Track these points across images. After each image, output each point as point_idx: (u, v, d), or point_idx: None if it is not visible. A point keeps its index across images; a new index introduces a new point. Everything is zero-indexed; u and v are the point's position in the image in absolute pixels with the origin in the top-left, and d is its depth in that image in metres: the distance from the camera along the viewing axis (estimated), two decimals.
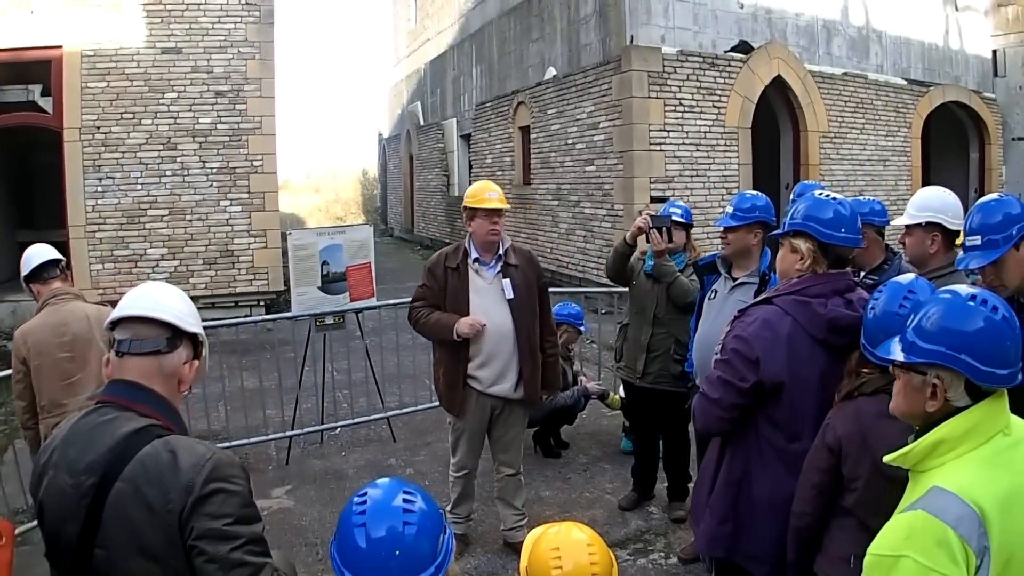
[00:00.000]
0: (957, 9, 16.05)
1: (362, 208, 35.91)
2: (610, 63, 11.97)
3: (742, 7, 12.87)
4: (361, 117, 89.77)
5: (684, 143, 11.77)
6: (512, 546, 4.43)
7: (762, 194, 3.80)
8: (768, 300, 2.60)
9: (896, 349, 1.71)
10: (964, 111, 15.84)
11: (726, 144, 12.18)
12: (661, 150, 11.57)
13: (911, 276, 2.23)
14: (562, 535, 1.86)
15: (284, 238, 8.16)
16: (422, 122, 23.68)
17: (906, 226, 3.26)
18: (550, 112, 14.06)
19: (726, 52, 12.40)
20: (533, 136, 14.84)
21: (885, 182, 14.39)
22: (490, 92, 17.98)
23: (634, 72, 11.30)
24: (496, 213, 4.13)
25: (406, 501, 1.51)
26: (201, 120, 11.39)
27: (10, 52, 10.54)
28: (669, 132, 11.62)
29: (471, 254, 4.20)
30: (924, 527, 1.50)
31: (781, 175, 13.51)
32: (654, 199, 11.20)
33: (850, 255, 2.67)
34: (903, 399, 1.73)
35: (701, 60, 11.90)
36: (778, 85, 12.73)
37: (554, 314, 5.98)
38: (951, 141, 16.40)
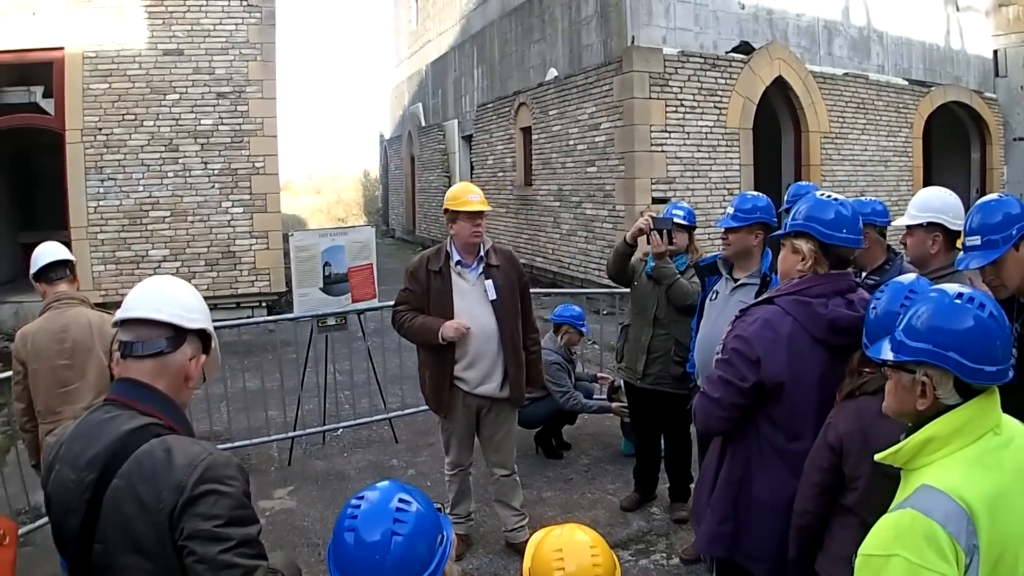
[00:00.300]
0: (958, 9, 16.05)
1: (363, 209, 35.91)
2: (611, 64, 11.98)
3: (743, 8, 12.87)
4: (362, 118, 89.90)
5: (685, 144, 11.78)
6: (515, 547, 4.43)
7: (763, 195, 3.80)
8: (769, 300, 2.61)
9: (886, 348, 1.74)
10: (965, 111, 15.84)
11: (727, 145, 12.18)
12: (662, 151, 11.57)
13: (912, 276, 2.23)
14: (565, 537, 1.86)
15: (286, 239, 8.17)
16: (423, 123, 23.70)
17: (907, 226, 3.26)
18: (551, 113, 14.07)
19: (727, 53, 12.41)
20: (534, 137, 14.85)
21: (886, 182, 14.39)
22: (491, 93, 18.00)
23: (635, 73, 11.31)
24: (479, 215, 4.12)
25: (401, 503, 1.52)
26: (203, 121, 11.41)
27: (12, 53, 10.57)
28: (670, 133, 11.63)
29: (453, 256, 4.20)
30: (913, 525, 1.50)
31: (782, 176, 13.51)
32: (655, 200, 11.21)
33: (851, 256, 2.67)
34: (894, 398, 1.75)
35: (702, 61, 11.91)
36: (779, 86, 12.74)
37: (556, 316, 6.02)
38: (952, 141, 16.40)
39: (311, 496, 5.40)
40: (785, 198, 4.49)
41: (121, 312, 1.79)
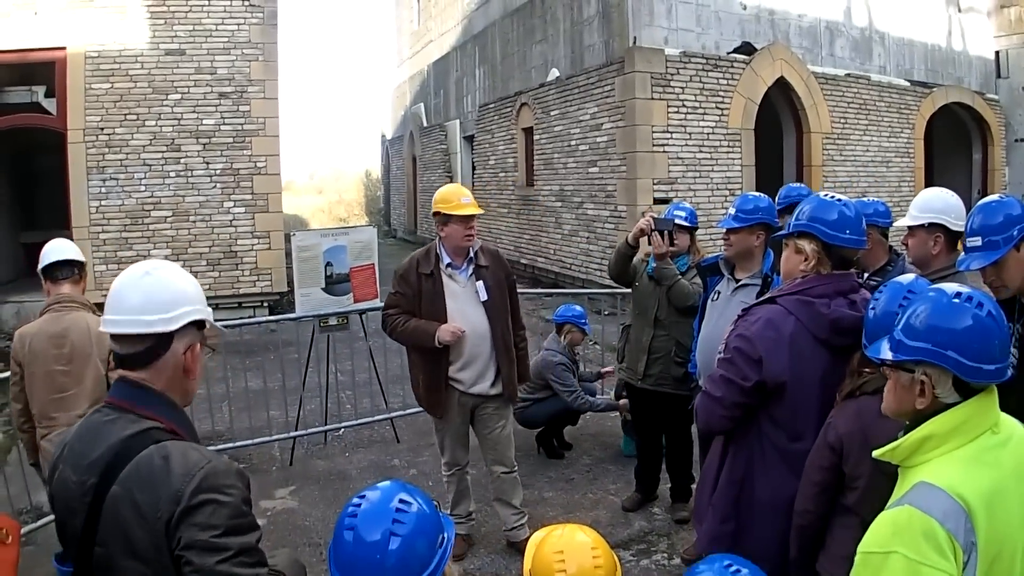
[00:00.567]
0: (960, 10, 16.04)
1: (365, 209, 35.89)
2: (613, 64, 11.98)
3: (745, 8, 12.87)
4: (364, 118, 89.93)
5: (687, 144, 11.77)
6: (515, 546, 4.43)
7: (765, 195, 3.81)
8: (772, 300, 2.61)
9: (884, 348, 1.74)
10: (967, 112, 15.83)
11: (729, 145, 12.18)
12: (664, 151, 11.57)
13: (911, 276, 2.24)
14: (566, 538, 1.85)
15: (287, 239, 8.16)
16: (425, 123, 23.70)
17: (908, 227, 3.26)
18: (553, 113, 14.07)
19: (729, 53, 12.41)
20: (536, 137, 14.86)
21: (888, 183, 14.38)
22: (493, 93, 18.00)
23: (637, 73, 11.31)
24: (471, 218, 4.12)
25: (402, 503, 1.52)
26: (205, 121, 11.42)
27: (14, 53, 10.57)
28: (672, 133, 11.63)
29: (443, 258, 4.19)
30: (911, 522, 1.50)
31: (784, 177, 13.48)
32: (657, 201, 11.21)
33: (854, 256, 2.67)
34: (893, 397, 1.75)
35: (704, 61, 11.91)
36: (781, 86, 12.73)
37: (558, 316, 6.03)
38: (954, 142, 16.39)
39: (313, 496, 5.41)
40: (776, 200, 4.48)
41: (105, 324, 1.75)
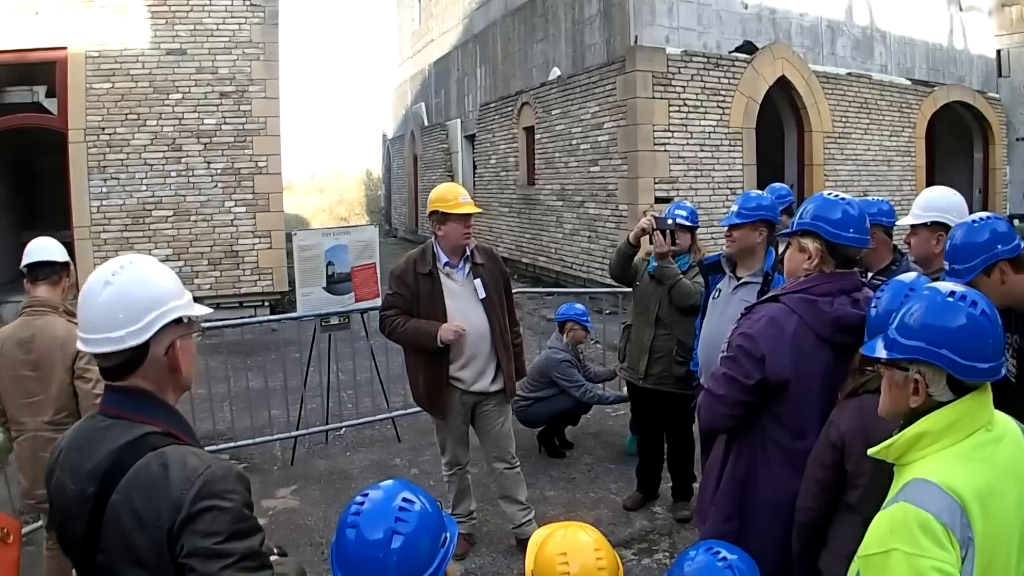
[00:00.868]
0: (961, 9, 16.03)
1: (366, 209, 35.91)
2: (614, 63, 11.97)
3: (746, 7, 12.86)
4: (365, 118, 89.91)
5: (688, 143, 11.77)
6: (523, 543, 4.42)
7: (766, 194, 3.82)
8: (775, 298, 2.61)
9: (879, 346, 1.74)
10: (968, 111, 15.82)
11: (730, 144, 12.17)
12: (665, 150, 11.57)
13: (913, 275, 2.24)
14: (568, 538, 1.85)
15: (289, 239, 8.16)
16: (426, 123, 23.70)
17: (911, 226, 3.26)
18: (554, 113, 14.07)
19: (730, 52, 12.40)
20: (537, 136, 14.85)
21: (889, 182, 14.37)
22: (494, 93, 18.00)
23: (638, 72, 11.30)
24: (469, 217, 4.10)
25: (405, 502, 1.51)
26: (206, 121, 11.42)
27: (15, 53, 10.58)
28: (673, 132, 11.62)
29: (440, 258, 4.17)
30: (906, 517, 1.51)
31: (785, 175, 13.49)
32: (658, 199, 11.21)
33: (858, 255, 2.67)
34: (888, 396, 1.76)
35: (705, 60, 11.90)
36: (782, 85, 12.72)
37: (560, 314, 6.03)
38: (955, 141, 16.38)
39: (314, 495, 5.40)
40: None
41: (79, 343, 1.70)
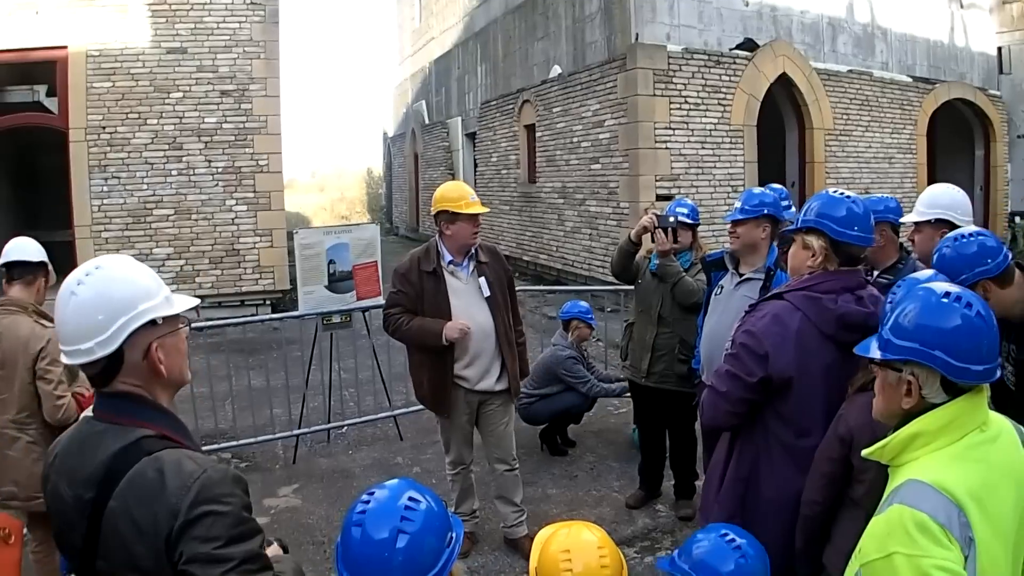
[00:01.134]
0: (962, 6, 16.00)
1: (367, 207, 35.89)
2: (615, 61, 11.96)
3: (747, 5, 12.84)
4: (366, 116, 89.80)
5: (689, 141, 11.76)
6: (513, 543, 4.43)
7: (769, 191, 3.82)
8: (779, 295, 2.61)
9: (873, 346, 1.74)
10: (969, 108, 15.79)
11: (731, 142, 12.16)
12: (667, 148, 11.56)
13: (929, 272, 2.23)
14: (572, 536, 1.84)
15: (290, 237, 8.16)
16: (427, 121, 23.69)
17: (915, 223, 3.26)
18: (555, 110, 14.06)
19: (731, 50, 12.38)
20: (538, 134, 14.84)
21: (891, 179, 14.35)
22: (495, 90, 17.98)
23: (639, 70, 11.29)
24: (478, 217, 4.10)
25: (411, 501, 1.51)
26: (206, 120, 11.41)
27: (15, 52, 10.57)
28: (674, 130, 11.61)
29: (444, 256, 4.16)
30: (902, 519, 1.50)
31: (786, 173, 13.48)
32: (660, 197, 11.20)
33: (862, 254, 2.67)
34: (881, 397, 1.75)
35: (706, 58, 11.89)
36: (783, 83, 12.70)
37: (564, 312, 6.03)
38: (956, 138, 16.36)
39: (316, 494, 5.40)
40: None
41: (62, 355, 1.67)
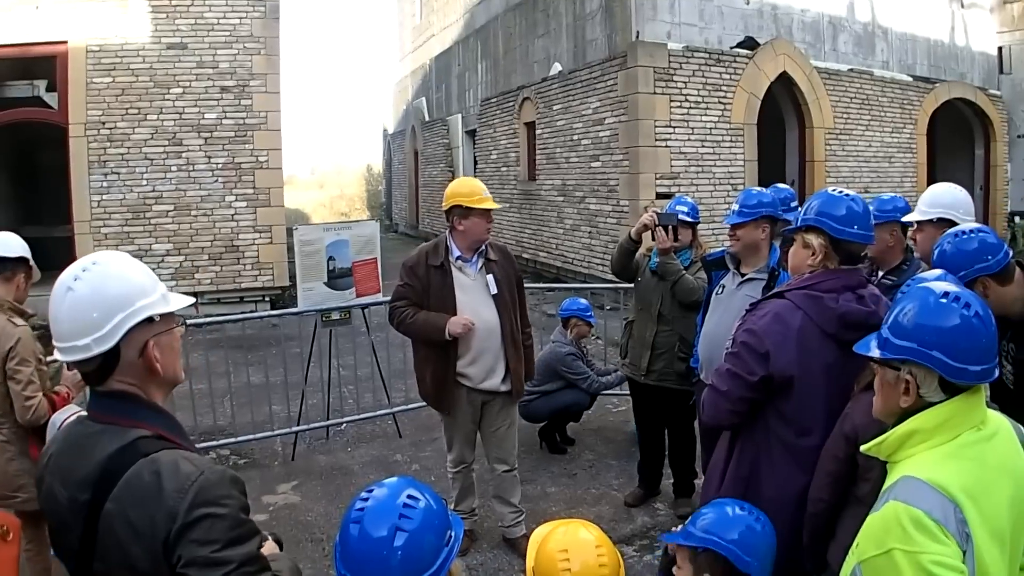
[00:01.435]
0: (963, 6, 15.98)
1: (367, 204, 35.87)
2: (616, 59, 11.95)
3: (748, 3, 12.82)
4: (366, 113, 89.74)
5: (690, 139, 11.75)
6: (510, 542, 4.43)
7: (767, 191, 3.82)
8: (780, 294, 2.60)
9: (872, 345, 1.75)
10: (970, 108, 15.79)
11: (732, 140, 12.15)
12: (667, 146, 11.55)
13: (937, 272, 2.24)
14: (570, 535, 1.84)
15: (289, 234, 8.15)
16: (427, 118, 23.66)
17: (917, 222, 3.26)
18: (555, 108, 14.04)
19: (732, 48, 12.37)
20: (538, 132, 14.83)
21: (891, 179, 14.35)
22: (495, 88, 17.96)
23: (640, 68, 11.28)
24: (490, 213, 4.11)
25: (410, 499, 1.50)
26: (206, 116, 11.41)
27: (15, 47, 10.56)
28: (675, 128, 11.60)
29: (453, 252, 4.15)
30: (898, 515, 1.51)
31: (786, 172, 13.48)
32: (660, 195, 11.19)
33: (862, 252, 2.67)
34: (880, 396, 1.77)
35: (707, 56, 11.88)
36: (784, 81, 12.69)
37: (563, 310, 6.02)
38: (957, 138, 16.35)
39: (315, 491, 5.40)
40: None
41: (56, 352, 1.67)
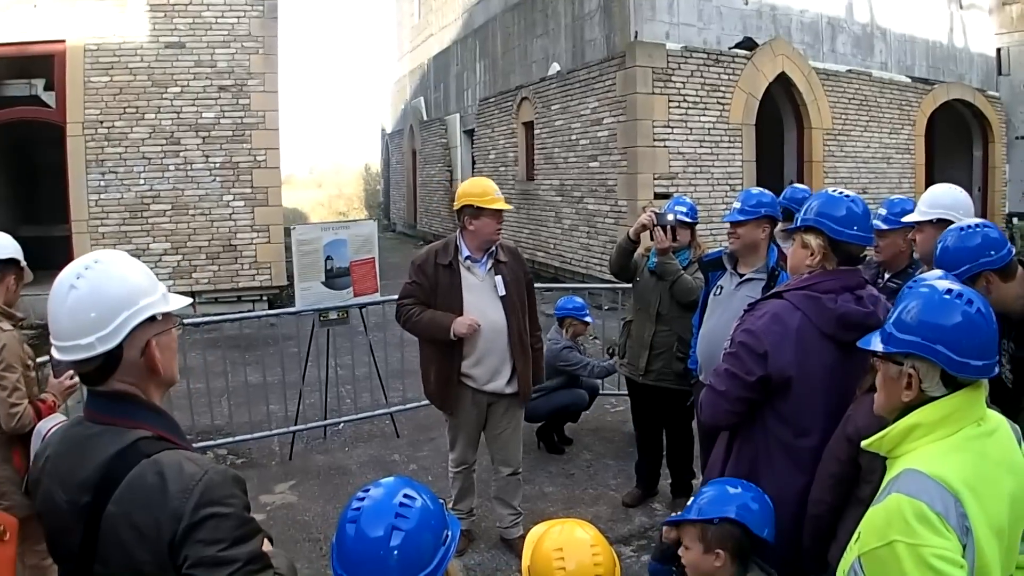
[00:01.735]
0: (961, 7, 16.00)
1: (365, 203, 35.88)
2: (614, 59, 11.95)
3: (747, 4, 12.82)
4: (364, 112, 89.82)
5: (688, 139, 11.75)
6: (508, 543, 4.42)
7: (767, 191, 3.82)
8: (778, 294, 2.60)
9: (876, 340, 1.79)
10: (968, 109, 15.81)
11: (730, 141, 12.16)
12: (665, 146, 11.55)
13: (938, 272, 2.24)
14: (565, 534, 1.85)
15: (287, 233, 8.14)
16: (425, 117, 23.66)
17: (917, 223, 3.26)
18: (554, 108, 14.04)
19: (730, 48, 12.37)
20: (537, 132, 14.83)
21: (889, 180, 14.36)
22: (493, 87, 17.96)
23: (638, 68, 11.28)
24: (502, 213, 4.09)
25: (406, 499, 1.50)
26: (204, 115, 11.39)
27: (13, 46, 10.53)
28: (673, 128, 11.60)
29: (462, 251, 4.13)
30: (900, 508, 1.52)
31: (785, 172, 13.49)
32: (658, 195, 11.19)
33: (861, 253, 2.66)
34: (882, 391, 1.79)
35: (705, 56, 11.88)
36: (782, 82, 12.70)
37: (558, 309, 6.01)
38: (955, 139, 16.37)
39: (312, 491, 5.39)
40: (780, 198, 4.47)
41: (53, 351, 1.65)
